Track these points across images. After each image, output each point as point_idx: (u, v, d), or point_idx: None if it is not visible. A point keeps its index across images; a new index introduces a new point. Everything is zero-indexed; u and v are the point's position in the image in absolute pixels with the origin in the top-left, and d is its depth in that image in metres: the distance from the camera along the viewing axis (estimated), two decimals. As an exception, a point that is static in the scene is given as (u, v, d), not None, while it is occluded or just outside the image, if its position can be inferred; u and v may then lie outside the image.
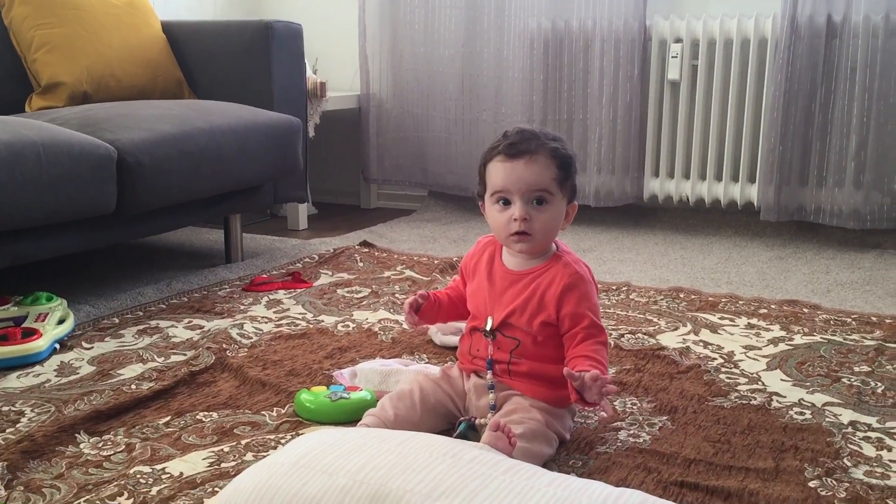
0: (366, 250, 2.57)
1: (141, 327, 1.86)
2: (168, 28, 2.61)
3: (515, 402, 1.28)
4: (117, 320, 1.91)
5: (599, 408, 1.19)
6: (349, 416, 1.38)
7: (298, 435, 1.32)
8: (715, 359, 1.67)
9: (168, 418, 1.40)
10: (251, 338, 1.80)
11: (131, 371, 1.61)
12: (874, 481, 1.19)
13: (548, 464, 1.23)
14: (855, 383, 1.54)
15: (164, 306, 2.02)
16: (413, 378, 1.39)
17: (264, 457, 1.23)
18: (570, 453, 1.28)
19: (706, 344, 1.76)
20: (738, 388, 1.53)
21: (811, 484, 1.18)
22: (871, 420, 1.39)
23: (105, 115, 2.06)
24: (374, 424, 1.27)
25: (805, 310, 1.98)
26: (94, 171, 1.85)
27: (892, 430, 1.35)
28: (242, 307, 2.01)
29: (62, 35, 2.33)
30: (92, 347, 1.74)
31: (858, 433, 1.35)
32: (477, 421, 1.30)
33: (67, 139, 1.84)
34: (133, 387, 1.52)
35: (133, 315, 1.95)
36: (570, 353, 1.27)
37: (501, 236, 1.31)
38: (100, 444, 1.31)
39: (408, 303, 1.38)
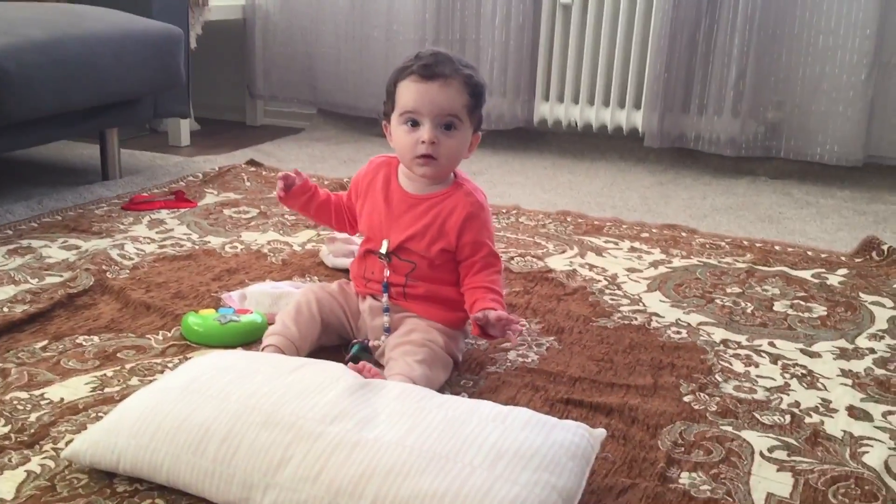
0: (253, 169, 2.50)
1: (11, 247, 1.76)
2: (32, -78, 2.40)
3: (413, 323, 1.29)
4: (-16, 240, 1.80)
5: (504, 339, 1.22)
6: (240, 340, 1.36)
7: (186, 359, 1.29)
8: (599, 281, 1.73)
9: (45, 342, 1.34)
10: (133, 259, 1.73)
11: (3, 293, 1.52)
12: (742, 395, 1.28)
13: (439, 388, 1.26)
14: (727, 304, 1.63)
15: (36, 225, 1.91)
16: (307, 289, 1.37)
17: (151, 382, 1.20)
18: (461, 374, 1.30)
19: (591, 266, 1.81)
20: (621, 309, 1.59)
21: (686, 399, 1.25)
22: (741, 338, 1.48)
23: (-37, 17, 1.89)
24: (280, 344, 1.25)
25: (683, 234, 2.07)
26: (-47, 78, 1.71)
27: (759, 348, 1.45)
28: (122, 227, 1.92)
29: None
30: (-43, 268, 1.63)
31: (729, 350, 1.43)
32: (370, 343, 1.31)
33: (-80, 42, 1.68)
34: (6, 309, 1.45)
35: (2, 234, 1.84)
36: (467, 281, 1.29)
37: (406, 158, 1.29)
38: (-29, 371, 1.24)
39: (281, 175, 1.37)
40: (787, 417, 1.22)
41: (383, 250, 1.31)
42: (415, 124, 1.27)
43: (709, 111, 2.72)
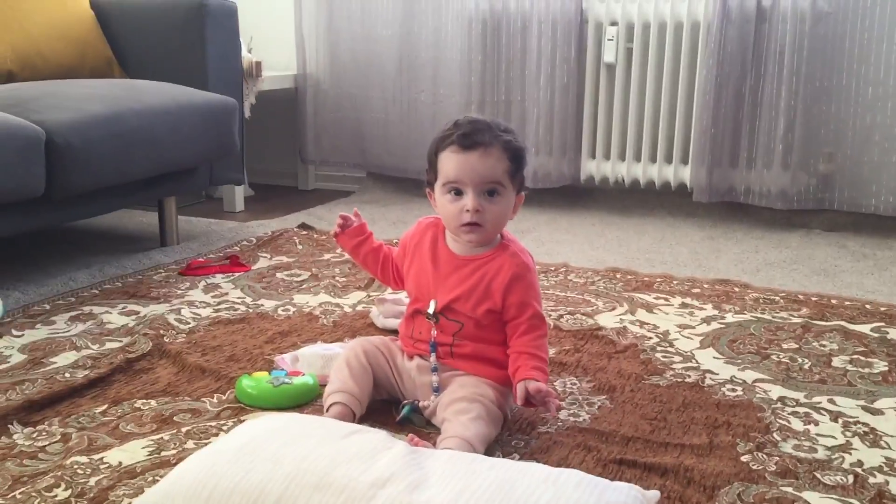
0: (304, 233, 2.55)
1: (73, 314, 1.81)
2: (96, 5, 2.53)
3: (462, 380, 1.30)
4: (48, 307, 1.86)
5: (544, 409, 1.23)
6: (292, 402, 1.38)
7: (241, 422, 1.31)
8: (651, 338, 1.71)
9: (105, 407, 1.37)
10: (189, 323, 1.77)
11: (65, 359, 1.57)
12: (802, 454, 1.24)
13: (491, 444, 1.25)
14: (783, 360, 1.60)
15: (97, 292, 1.97)
16: (352, 343, 1.40)
17: (206, 444, 1.21)
18: (512, 434, 1.30)
19: (642, 323, 1.80)
20: (674, 366, 1.57)
21: (743, 458, 1.23)
22: (799, 395, 1.45)
23: (32, 95, 1.99)
24: (345, 401, 1.28)
25: (736, 289, 2.04)
26: (22, 153, 1.79)
27: (818, 405, 1.41)
28: (179, 292, 1.97)
29: (-16, 11, 2.24)
30: (22, 335, 1.69)
31: (787, 408, 1.40)
32: (420, 404, 1.31)
33: (-8, 120, 1.77)
34: (67, 375, 1.49)
35: (65, 301, 1.90)
36: (512, 343, 1.30)
37: (452, 226, 1.31)
38: (34, 435, 1.27)
39: (341, 214, 1.44)
40: (850, 478, 1.18)
41: (430, 310, 1.32)
42: (458, 193, 1.29)
43: (758, 164, 2.70)
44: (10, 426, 1.30)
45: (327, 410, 1.28)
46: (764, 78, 2.65)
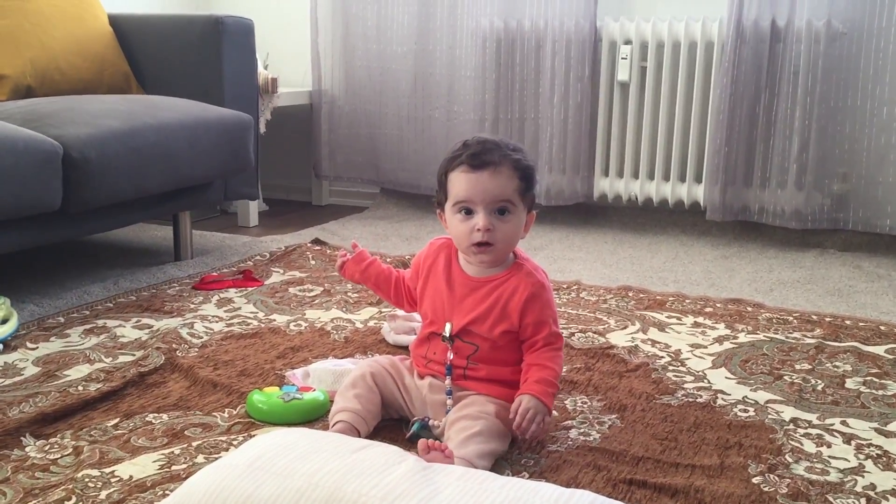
0: (318, 248, 2.56)
1: (87, 327, 1.83)
2: (115, 21, 2.56)
3: (470, 399, 1.30)
4: (63, 319, 1.87)
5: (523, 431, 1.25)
6: (302, 417, 1.38)
7: (251, 437, 1.31)
8: (662, 357, 1.71)
9: (117, 420, 1.38)
10: (201, 337, 1.78)
11: (78, 372, 1.58)
12: (815, 477, 1.23)
13: (500, 462, 1.25)
14: (796, 381, 1.59)
15: (112, 305, 1.99)
16: (360, 365, 1.41)
17: (216, 459, 1.22)
18: (521, 452, 1.29)
19: (654, 342, 1.79)
20: (685, 386, 1.56)
21: (754, 480, 1.22)
22: (812, 417, 1.44)
23: (50, 110, 2.01)
24: (350, 420, 1.28)
25: (749, 308, 2.03)
26: (39, 167, 1.81)
27: (831, 427, 1.40)
28: (192, 306, 1.98)
29: (5, 27, 2.27)
30: (37, 348, 1.70)
31: (800, 430, 1.39)
32: (431, 422, 1.31)
33: (11, 134, 1.80)
34: (80, 388, 1.50)
35: (79, 314, 1.91)
36: (526, 357, 1.31)
37: (463, 245, 1.32)
38: (46, 448, 1.28)
39: (341, 251, 1.46)
40: (863, 501, 1.17)
41: (447, 333, 1.32)
42: (469, 212, 1.29)
43: (772, 184, 2.69)
44: (22, 438, 1.30)
45: (332, 427, 1.29)
46: (778, 97, 2.65)
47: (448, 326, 1.33)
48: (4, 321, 1.75)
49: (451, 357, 1.32)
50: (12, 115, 1.95)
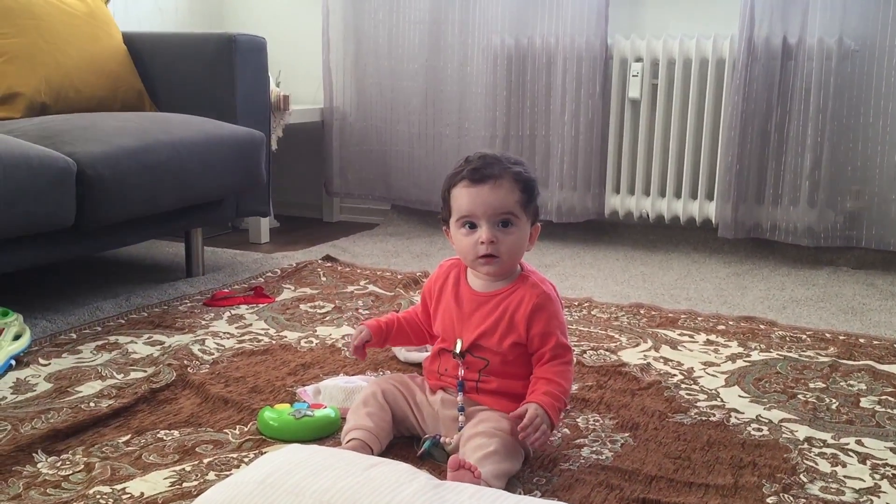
0: (329, 265, 2.56)
1: (99, 343, 1.83)
2: (129, 39, 2.58)
3: (484, 415, 1.30)
4: (75, 336, 1.88)
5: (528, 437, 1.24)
6: (313, 434, 1.38)
7: (262, 454, 1.31)
8: (675, 375, 1.70)
9: (128, 437, 1.38)
10: (213, 354, 1.78)
11: (90, 388, 1.58)
12: (829, 497, 1.22)
13: (511, 480, 1.24)
14: (810, 399, 1.58)
15: (123, 321, 1.99)
16: (372, 382, 1.41)
17: (227, 476, 1.22)
18: (533, 471, 1.29)
19: (666, 360, 1.78)
20: (698, 404, 1.55)
21: (769, 500, 1.21)
22: (826, 436, 1.42)
23: (64, 127, 2.03)
24: (363, 437, 1.28)
25: (762, 326, 2.02)
26: (53, 184, 1.82)
27: (846, 446, 1.39)
28: (204, 322, 1.99)
29: (20, 45, 2.29)
30: (49, 364, 1.71)
31: (814, 449, 1.38)
32: (444, 439, 1.30)
33: (25, 152, 1.81)
34: (92, 404, 1.50)
35: (91, 330, 1.92)
36: (535, 371, 1.31)
37: (468, 259, 1.33)
38: (58, 464, 1.28)
39: (353, 346, 1.41)
40: (879, 521, 1.16)
41: (457, 349, 1.33)
42: (472, 226, 1.30)
43: (784, 201, 2.68)
44: (34, 455, 1.31)
45: (344, 445, 1.28)
46: (790, 115, 2.64)
47: (458, 343, 1.33)
48: (17, 337, 1.76)
49: (463, 373, 1.32)
50: (27, 132, 1.97)
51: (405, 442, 1.36)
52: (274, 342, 1.86)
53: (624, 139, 2.89)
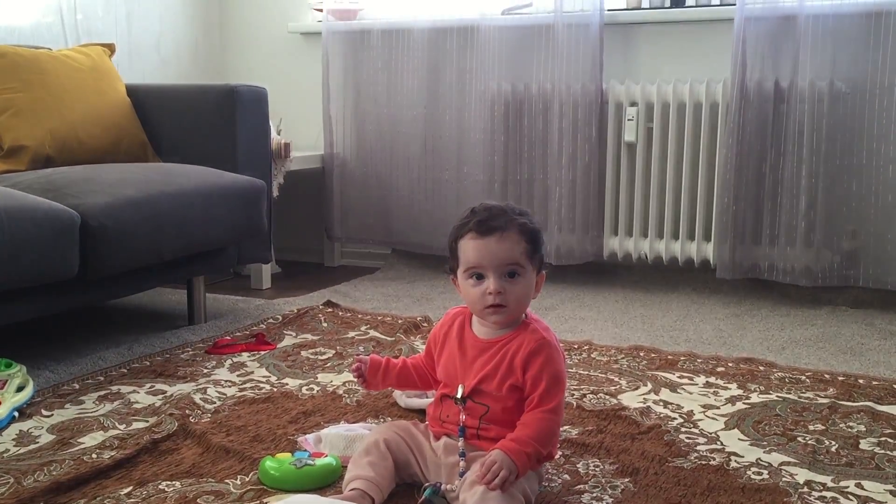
0: (330, 310, 2.58)
1: (102, 393, 1.84)
2: (133, 91, 2.63)
3: (485, 461, 1.30)
4: (77, 386, 1.89)
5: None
6: (314, 484, 1.38)
7: (263, 504, 1.31)
8: (675, 418, 1.70)
9: (130, 488, 1.38)
10: (214, 402, 1.79)
11: (92, 439, 1.59)
12: (830, 541, 1.22)
13: (512, 529, 1.24)
14: (810, 442, 1.58)
15: (126, 371, 2.00)
16: (375, 430, 1.43)
17: (228, 528, 1.22)
18: (534, 518, 1.29)
19: (666, 403, 1.79)
20: (698, 448, 1.56)
21: (769, 545, 1.21)
22: (826, 479, 1.43)
23: (68, 180, 2.06)
24: (364, 487, 1.29)
25: (761, 367, 2.03)
26: (58, 236, 1.85)
27: (846, 489, 1.39)
28: (205, 370, 2.00)
29: (27, 100, 2.34)
30: (52, 415, 1.72)
31: (814, 493, 1.38)
32: (445, 487, 1.31)
33: (30, 205, 1.84)
34: (94, 456, 1.51)
35: (94, 380, 1.93)
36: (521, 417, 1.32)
37: (476, 308, 1.35)
38: (60, 517, 1.29)
39: (352, 369, 1.47)
40: (880, 566, 1.16)
41: (458, 395, 1.34)
42: (480, 277, 1.33)
43: (781, 241, 2.71)
44: (37, 508, 1.31)
45: (346, 494, 1.29)
46: (784, 156, 2.68)
47: (460, 388, 1.35)
48: (20, 389, 1.76)
49: (464, 418, 1.34)
50: (31, 185, 2.00)
51: (406, 490, 1.37)
52: (275, 390, 1.87)
53: (621, 182, 2.92)
